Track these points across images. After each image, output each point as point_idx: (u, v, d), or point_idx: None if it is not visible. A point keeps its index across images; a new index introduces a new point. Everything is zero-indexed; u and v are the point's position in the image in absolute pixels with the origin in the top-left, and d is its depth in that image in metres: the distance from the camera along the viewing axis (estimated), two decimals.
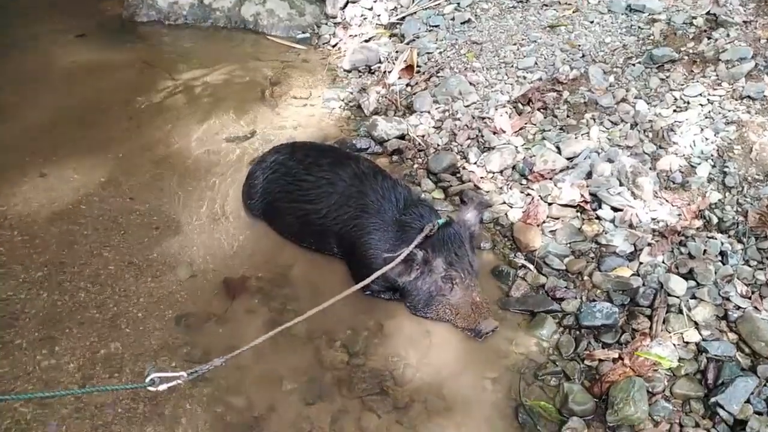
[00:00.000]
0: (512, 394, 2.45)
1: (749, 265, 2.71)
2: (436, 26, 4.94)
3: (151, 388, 1.99)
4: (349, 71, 4.82)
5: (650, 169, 3.25)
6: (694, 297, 2.64)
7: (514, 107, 3.89)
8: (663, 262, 2.83)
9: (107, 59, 4.92)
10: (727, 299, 2.60)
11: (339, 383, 2.51)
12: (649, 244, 2.91)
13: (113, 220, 3.30)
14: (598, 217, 3.13)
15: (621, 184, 3.16)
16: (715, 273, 2.69)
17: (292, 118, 4.29)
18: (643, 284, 2.77)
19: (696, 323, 2.55)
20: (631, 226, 3.00)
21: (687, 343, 2.51)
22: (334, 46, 5.26)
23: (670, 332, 2.55)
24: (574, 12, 4.71)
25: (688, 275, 2.72)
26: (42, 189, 3.47)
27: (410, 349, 2.65)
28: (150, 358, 2.59)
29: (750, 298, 2.59)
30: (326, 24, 5.49)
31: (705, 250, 2.78)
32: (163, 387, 2.00)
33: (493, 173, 3.55)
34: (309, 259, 3.12)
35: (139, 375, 2.51)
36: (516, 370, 2.55)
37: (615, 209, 3.10)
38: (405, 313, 2.81)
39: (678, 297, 2.65)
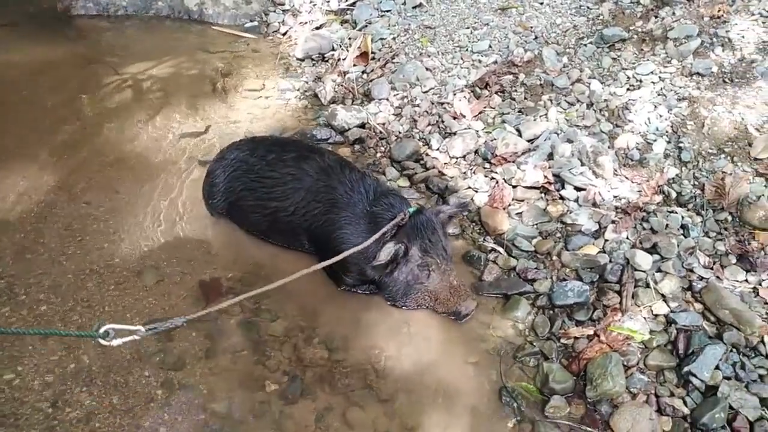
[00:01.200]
0: (494, 377, 2.49)
1: (709, 237, 2.82)
2: (387, 11, 4.90)
3: (103, 341, 1.89)
4: (302, 60, 4.74)
5: (608, 147, 3.33)
6: (659, 270, 2.73)
7: (472, 91, 3.91)
8: (627, 238, 2.91)
9: (45, 56, 4.67)
10: (691, 271, 2.71)
11: (321, 380, 2.48)
12: (613, 222, 2.99)
13: (68, 226, 3.16)
14: (562, 198, 3.20)
15: (582, 164, 3.22)
16: (678, 246, 2.79)
17: (246, 110, 4.19)
18: (610, 261, 2.84)
19: (663, 296, 2.64)
20: (594, 204, 3.08)
21: (656, 315, 2.60)
22: (284, 35, 5.15)
23: (639, 306, 2.63)
24: None
25: (653, 250, 2.81)
26: None
27: (390, 340, 2.64)
28: (125, 369, 2.50)
29: (712, 269, 2.70)
30: (274, 11, 5.37)
31: (667, 225, 2.88)
32: (117, 342, 1.90)
33: (456, 158, 3.56)
34: (279, 256, 3.06)
35: (114, 388, 2.42)
36: (495, 353, 2.59)
37: (578, 189, 3.17)
38: (381, 305, 2.80)
39: (644, 271, 2.74)
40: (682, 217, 2.89)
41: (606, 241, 2.95)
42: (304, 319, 2.75)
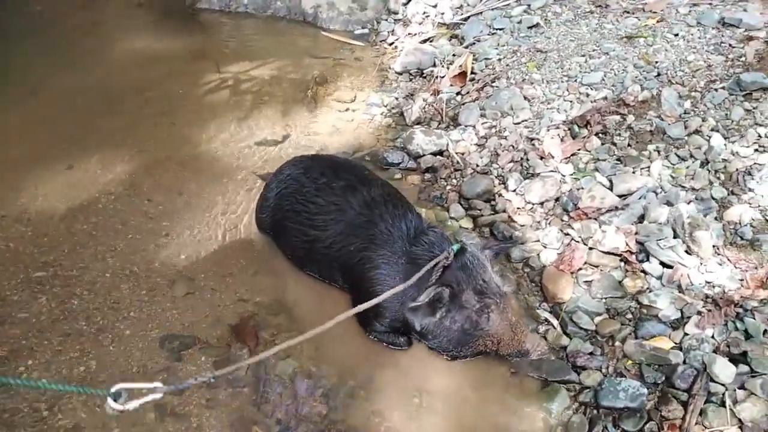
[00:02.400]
0: None
1: None
2: (500, 29, 4.53)
3: (114, 406, 1.61)
4: (400, 74, 4.52)
5: (715, 219, 2.75)
6: (743, 387, 2.18)
7: (569, 129, 3.45)
8: (713, 337, 2.37)
9: (162, 47, 4.88)
10: None
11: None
12: (699, 313, 2.45)
13: (124, 222, 3.21)
14: (643, 272, 2.69)
15: (675, 236, 2.68)
16: None
17: (329, 123, 4.05)
18: (684, 362, 2.32)
19: (741, 422, 2.09)
20: (680, 288, 2.54)
21: None
22: (390, 45, 4.96)
23: (705, 428, 2.11)
24: (658, 22, 4.15)
25: (740, 358, 2.25)
26: (65, 183, 3.43)
27: (396, 409, 2.35)
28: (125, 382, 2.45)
29: None
30: (387, 20, 5.19)
31: (765, 330, 2.29)
32: (132, 405, 1.64)
33: (532, 204, 3.15)
34: (310, 289, 2.88)
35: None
36: None
37: (664, 265, 2.65)
38: (401, 366, 2.52)
39: (723, 384, 2.20)
40: None
41: (685, 335, 2.42)
42: (316, 363, 2.54)
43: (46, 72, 4.35)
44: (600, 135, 3.37)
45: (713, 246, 2.64)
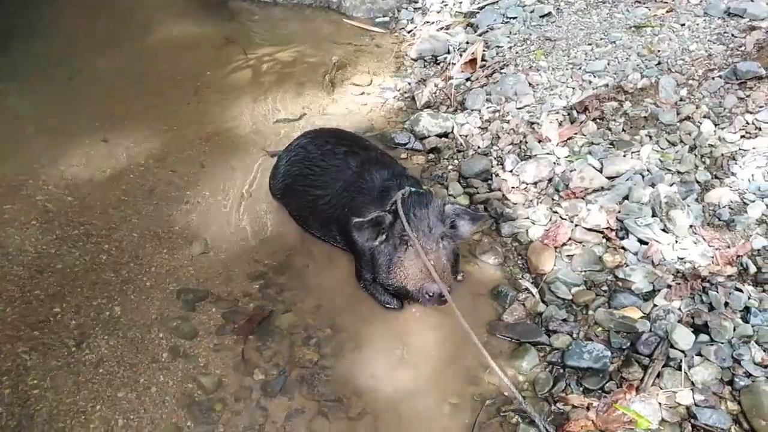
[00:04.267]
0: (467, 424, 2.34)
1: None
2: (513, 18, 4.69)
3: None
4: (415, 60, 4.73)
5: (696, 200, 2.90)
6: (699, 354, 2.35)
7: (568, 114, 3.61)
8: (679, 309, 2.53)
9: (195, 33, 5.19)
10: (738, 363, 2.29)
11: (302, 381, 2.53)
12: (669, 287, 2.61)
13: (151, 190, 3.52)
14: (623, 248, 2.86)
15: (654, 215, 2.85)
16: (734, 331, 2.37)
17: (344, 105, 4.30)
18: (650, 330, 2.50)
19: (693, 384, 2.27)
20: (653, 263, 2.71)
21: (676, 405, 2.24)
22: (409, 32, 5.17)
23: (661, 389, 2.29)
24: (667, 12, 4.27)
25: (702, 328, 2.42)
26: (101, 154, 3.77)
27: (380, 358, 2.60)
28: (146, 327, 2.75)
29: (766, 367, 2.25)
30: (407, 9, 5.40)
31: (727, 303, 2.45)
32: None
33: (526, 184, 3.34)
34: (313, 251, 3.15)
35: (130, 342, 2.69)
36: (481, 400, 2.43)
37: (642, 242, 2.82)
38: (388, 322, 2.76)
39: (682, 351, 2.37)
40: (749, 297, 2.44)
41: (654, 306, 2.59)
42: (313, 317, 2.81)
43: (88, 54, 4.70)
44: (597, 120, 3.53)
45: (690, 225, 2.80)
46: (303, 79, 4.61)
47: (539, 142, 3.52)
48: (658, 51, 3.83)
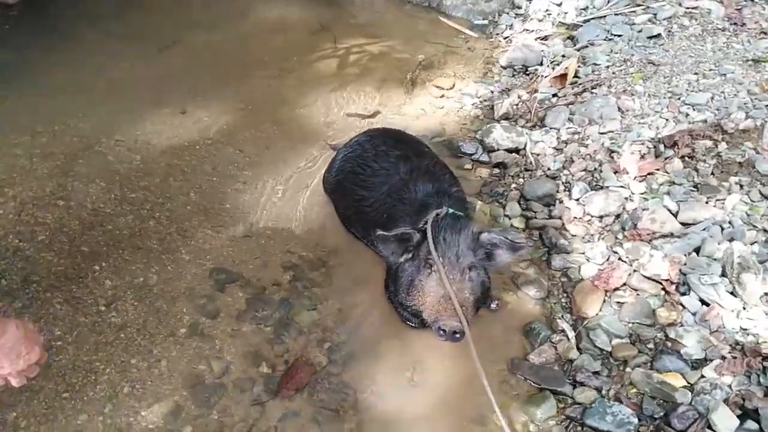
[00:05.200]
0: None
1: None
2: (617, 36, 4.35)
3: None
4: (504, 68, 4.51)
5: None
6: None
7: (654, 147, 3.28)
8: (729, 386, 2.21)
9: (291, 17, 5.26)
10: None
11: (306, 384, 2.45)
12: (723, 358, 2.29)
13: (214, 165, 3.58)
14: (681, 305, 2.55)
15: (723, 274, 2.51)
16: None
17: (420, 105, 4.18)
18: (690, 403, 2.20)
19: None
20: (711, 329, 2.39)
21: None
22: (505, 39, 4.94)
23: None
24: None
25: (752, 414, 2.10)
26: (176, 125, 3.88)
27: (388, 377, 2.48)
28: (173, 300, 2.80)
29: None
30: (508, 13, 5.17)
31: None
32: None
33: (591, 216, 3.07)
34: (352, 252, 3.07)
35: (156, 311, 2.74)
36: None
37: (704, 302, 2.49)
38: (406, 340, 2.63)
39: None
40: None
41: (702, 377, 2.29)
42: (334, 320, 2.73)
43: (182, 30, 4.86)
44: (685, 158, 3.18)
45: (764, 293, 2.44)
46: (386, 74, 4.53)
47: (615, 173, 3.22)
48: None
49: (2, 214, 3.08)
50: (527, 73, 4.40)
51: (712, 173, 3.04)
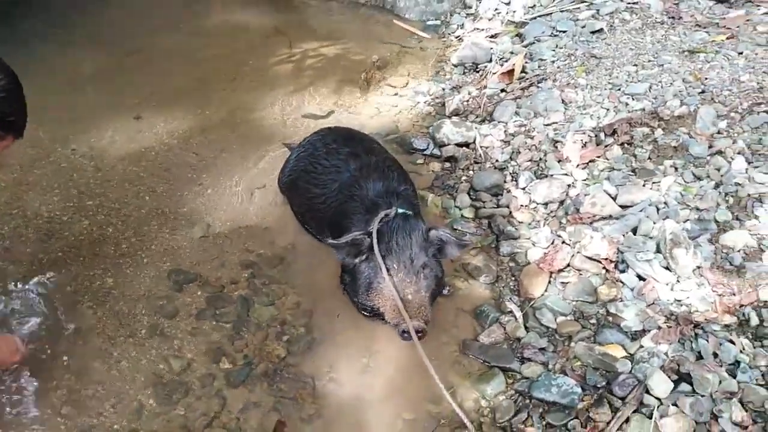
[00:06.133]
0: None
1: (765, 388, 2.14)
2: (562, 32, 4.52)
3: None
4: (456, 66, 4.64)
5: (709, 240, 2.68)
6: (675, 404, 2.17)
7: (596, 136, 3.43)
8: (665, 354, 2.35)
9: (249, 21, 5.34)
10: (716, 419, 2.10)
11: (266, 375, 2.52)
12: (659, 328, 2.43)
13: (168, 169, 3.63)
14: (621, 281, 2.69)
15: (658, 251, 2.66)
16: (718, 384, 2.17)
17: (374, 105, 4.28)
18: (630, 371, 2.33)
19: None
20: (648, 302, 2.53)
21: None
22: (457, 38, 5.08)
23: None
24: (728, 38, 3.99)
25: (686, 378, 2.23)
26: (131, 130, 3.92)
27: (345, 363, 2.56)
28: (132, 302, 2.83)
29: (744, 429, 2.05)
30: (459, 13, 5.31)
31: (716, 354, 2.26)
32: None
33: (536, 204, 3.21)
34: (309, 248, 3.14)
35: (116, 315, 2.76)
36: (437, 419, 2.34)
37: (641, 278, 2.64)
38: (362, 329, 2.71)
39: (658, 399, 2.20)
40: (741, 351, 2.24)
41: (640, 347, 2.42)
42: (292, 314, 2.80)
43: (140, 33, 4.92)
44: (624, 145, 3.34)
45: (698, 267, 2.59)
46: (342, 76, 4.62)
47: (559, 161, 3.37)
48: (705, 79, 3.58)
49: None
50: (477, 70, 4.53)
51: (649, 158, 3.20)
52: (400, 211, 2.60)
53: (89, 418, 2.37)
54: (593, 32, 4.39)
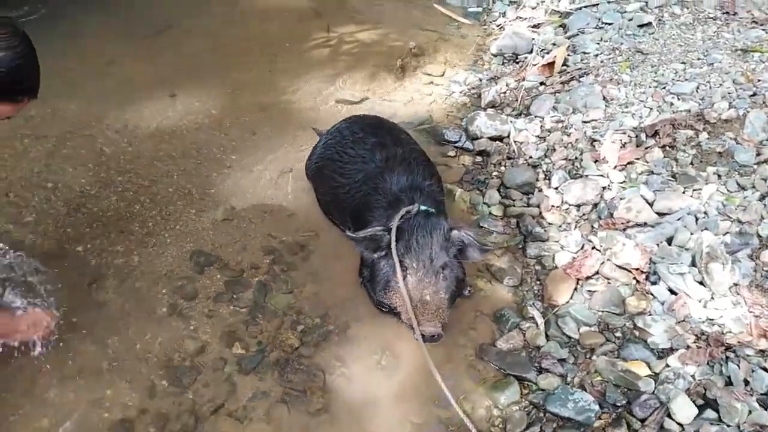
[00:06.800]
0: None
1: None
2: (608, 24, 4.34)
3: None
4: (495, 56, 4.51)
5: (749, 257, 2.54)
6: None
7: (636, 136, 3.28)
8: (692, 376, 2.24)
9: (288, 3, 5.25)
10: None
11: (277, 364, 2.50)
12: (687, 348, 2.31)
13: (199, 149, 3.62)
14: (651, 294, 2.57)
15: (693, 264, 2.53)
16: (747, 416, 2.06)
17: (409, 92, 4.19)
18: (653, 392, 2.23)
19: None
20: (678, 318, 2.41)
21: None
22: (498, 26, 4.93)
23: None
24: None
25: (712, 404, 2.12)
26: (165, 108, 3.93)
27: (357, 359, 2.52)
28: (153, 281, 2.85)
29: None
30: (502, 1, 5.14)
31: (747, 381, 2.13)
32: None
33: (568, 205, 3.09)
34: (331, 237, 3.10)
35: (136, 291, 2.78)
36: (446, 425, 2.29)
37: (672, 292, 2.51)
38: (379, 324, 2.66)
39: (680, 424, 2.10)
40: None
41: (666, 367, 2.31)
42: (309, 303, 2.77)
43: (177, 14, 4.90)
44: (666, 148, 3.18)
45: (735, 284, 2.46)
46: (378, 62, 4.53)
47: (595, 162, 3.23)
48: (758, 80, 3.37)
49: None
50: (517, 61, 4.39)
51: (691, 163, 3.05)
52: (423, 208, 2.52)
53: (101, 391, 2.39)
54: (641, 26, 4.19)
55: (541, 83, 3.99)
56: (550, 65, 4.04)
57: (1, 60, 1.82)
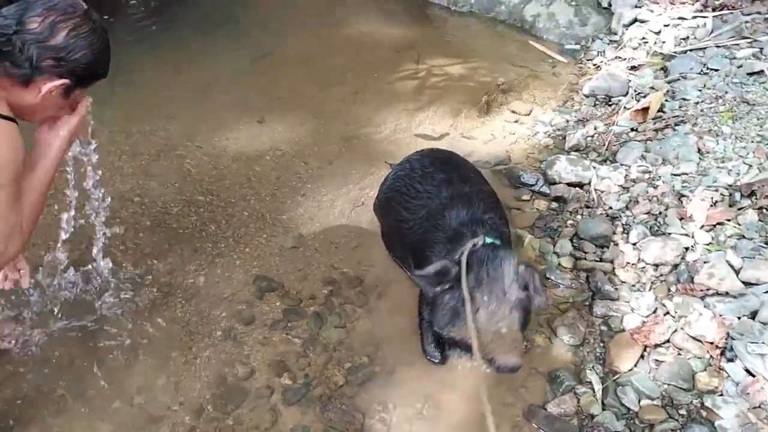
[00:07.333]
0: None
1: None
2: (713, 70, 4.04)
3: None
4: (586, 96, 4.33)
5: None
6: None
7: (729, 195, 3.03)
8: None
9: (383, 33, 5.35)
10: None
11: (320, 400, 2.50)
12: None
13: (278, 176, 3.74)
14: (726, 372, 2.34)
15: None
16: None
17: (491, 130, 4.12)
18: None
19: None
20: (752, 404, 2.17)
21: None
22: (595, 66, 4.74)
23: None
24: None
25: None
26: (252, 133, 4.10)
27: (399, 406, 2.46)
28: (216, 303, 2.96)
29: None
30: (602, 39, 4.95)
31: None
32: None
33: (645, 264, 2.89)
34: (391, 275, 3.08)
35: (199, 312, 2.90)
36: None
37: (749, 373, 2.27)
38: (426, 371, 2.60)
39: None
40: None
41: None
42: (360, 340, 2.77)
43: (278, 41, 5.13)
44: (762, 210, 2.90)
45: None
46: (463, 96, 4.50)
47: (681, 219, 3.00)
48: None
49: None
50: (609, 103, 4.19)
51: None
52: (488, 240, 2.43)
53: (158, 410, 2.50)
54: (750, 74, 3.87)
55: (633, 129, 3.79)
56: (645, 110, 3.83)
57: (82, 57, 1.93)
